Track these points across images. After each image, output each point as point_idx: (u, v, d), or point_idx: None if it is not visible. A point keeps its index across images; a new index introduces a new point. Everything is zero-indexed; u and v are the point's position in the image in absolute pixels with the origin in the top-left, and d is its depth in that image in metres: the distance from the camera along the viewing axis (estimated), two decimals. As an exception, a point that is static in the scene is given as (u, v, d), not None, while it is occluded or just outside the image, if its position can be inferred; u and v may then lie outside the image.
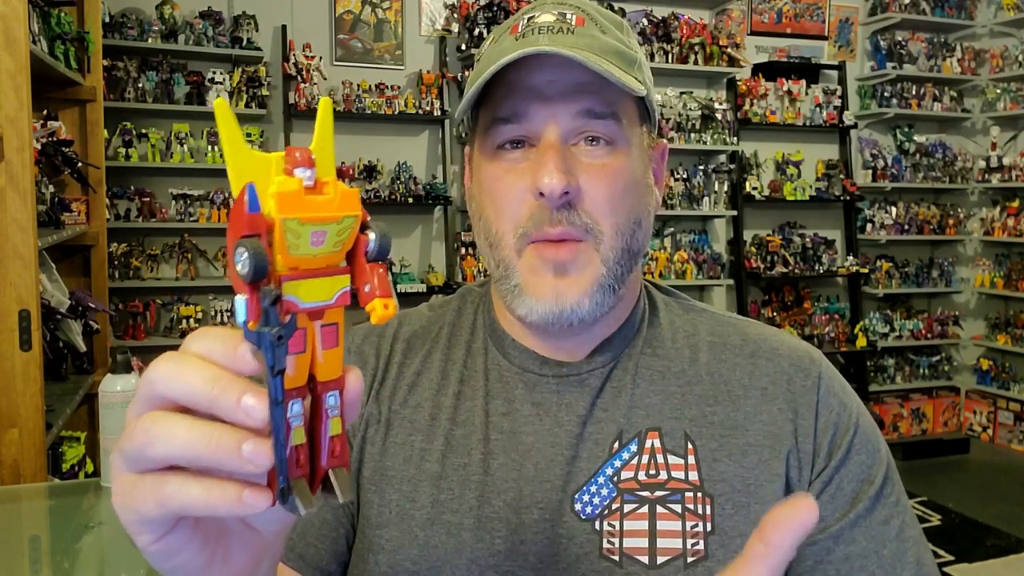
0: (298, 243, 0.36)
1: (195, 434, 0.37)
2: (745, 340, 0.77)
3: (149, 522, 0.39)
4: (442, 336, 0.79)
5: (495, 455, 0.71)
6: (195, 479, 0.37)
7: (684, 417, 0.72)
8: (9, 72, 1.79)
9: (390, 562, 0.70)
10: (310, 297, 0.38)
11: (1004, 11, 5.12)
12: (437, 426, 0.74)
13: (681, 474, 0.69)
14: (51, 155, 2.43)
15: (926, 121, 5.33)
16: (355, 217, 0.38)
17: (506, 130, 0.69)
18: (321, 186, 0.37)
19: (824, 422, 0.72)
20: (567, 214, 0.67)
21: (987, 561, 3.50)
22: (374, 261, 0.39)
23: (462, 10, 4.26)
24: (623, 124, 0.69)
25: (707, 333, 0.77)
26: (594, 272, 0.68)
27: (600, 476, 0.70)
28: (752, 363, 0.75)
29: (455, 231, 4.32)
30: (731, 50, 4.66)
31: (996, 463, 4.86)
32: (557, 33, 0.68)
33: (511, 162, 0.69)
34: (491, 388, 0.75)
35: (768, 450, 0.70)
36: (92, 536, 1.25)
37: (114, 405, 1.35)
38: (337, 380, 0.40)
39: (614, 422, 0.71)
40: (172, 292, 3.98)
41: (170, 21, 3.84)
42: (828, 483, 0.70)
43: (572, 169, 0.67)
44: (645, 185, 0.72)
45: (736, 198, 4.74)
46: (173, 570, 0.42)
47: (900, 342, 5.13)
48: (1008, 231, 5.03)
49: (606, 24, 0.72)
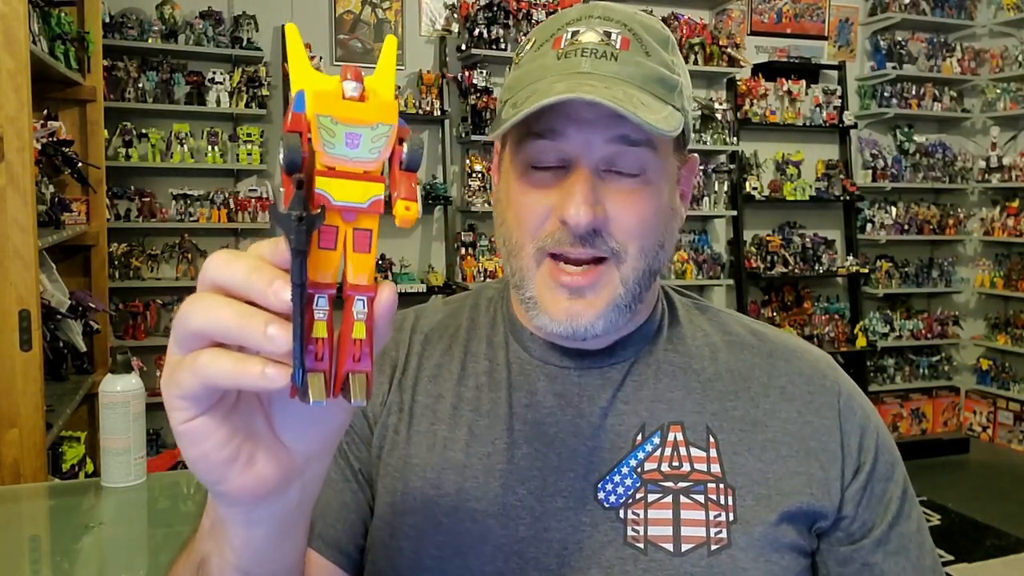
0: (333, 141, 0.39)
1: (228, 310, 0.41)
2: (761, 340, 0.79)
3: (186, 396, 0.43)
4: (461, 332, 0.81)
5: (519, 445, 0.73)
6: (227, 352, 0.41)
7: (706, 412, 0.73)
8: (9, 72, 1.79)
9: (414, 548, 0.71)
10: (342, 196, 0.40)
11: (1004, 11, 5.12)
12: (460, 416, 0.75)
13: (703, 466, 0.71)
14: (51, 155, 2.43)
15: (926, 121, 5.33)
16: (390, 126, 0.40)
17: (539, 146, 0.68)
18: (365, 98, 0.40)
19: (850, 425, 0.74)
20: (592, 239, 0.68)
21: (987, 561, 3.50)
22: (407, 171, 0.42)
23: (462, 10, 4.26)
24: (657, 151, 0.69)
25: (723, 333, 0.79)
26: (612, 292, 0.69)
27: (624, 467, 0.71)
28: (770, 363, 0.77)
29: (455, 231, 4.32)
30: (731, 50, 4.66)
31: (996, 463, 4.87)
32: (600, 58, 0.67)
33: (541, 180, 0.69)
34: (514, 380, 0.76)
35: (787, 447, 0.72)
36: (92, 536, 1.25)
37: (114, 405, 1.35)
38: (367, 287, 0.42)
39: (636, 415, 0.73)
40: (172, 292, 3.98)
41: (170, 21, 3.84)
42: (865, 488, 0.73)
43: (601, 198, 0.67)
44: (671, 209, 0.73)
45: (736, 198, 4.74)
46: (196, 460, 0.45)
47: (900, 342, 5.13)
48: (1008, 231, 5.03)
49: (651, 44, 0.70)
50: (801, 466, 0.72)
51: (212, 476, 0.45)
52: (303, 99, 0.39)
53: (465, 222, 4.36)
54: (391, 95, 0.41)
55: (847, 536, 0.72)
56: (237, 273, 0.41)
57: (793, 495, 0.70)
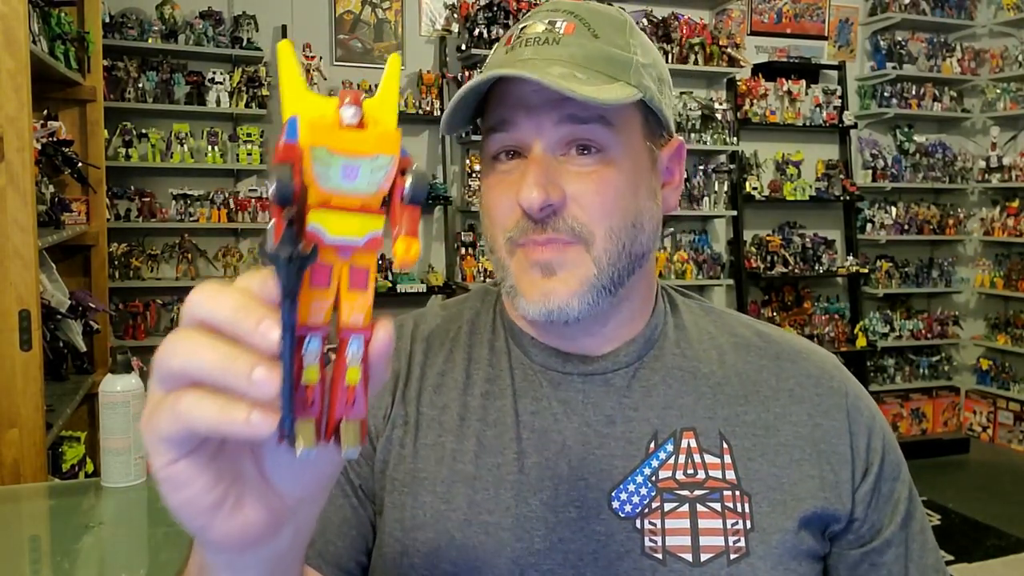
0: (328, 174, 0.36)
1: (211, 352, 0.37)
2: (767, 342, 0.78)
3: (167, 440, 0.39)
4: (462, 335, 0.79)
5: (528, 454, 0.71)
6: (211, 395, 0.38)
7: (718, 417, 0.72)
8: (9, 72, 1.79)
9: (427, 565, 0.69)
10: (338, 231, 0.37)
11: (1004, 11, 5.12)
12: (467, 427, 0.73)
13: (718, 473, 0.70)
14: (51, 155, 2.43)
15: (926, 121, 5.33)
16: (392, 157, 0.37)
17: (497, 138, 0.70)
18: (364, 125, 0.37)
19: (858, 426, 0.74)
20: (553, 222, 0.67)
21: (987, 561, 3.50)
22: (410, 204, 0.38)
23: (462, 10, 4.26)
24: (614, 127, 0.68)
25: (729, 335, 0.78)
26: (584, 272, 0.68)
27: (638, 475, 0.70)
28: (777, 365, 0.76)
29: (455, 231, 4.32)
30: (731, 50, 4.66)
31: (996, 463, 4.87)
32: (543, 44, 0.69)
33: (503, 173, 0.71)
34: (518, 387, 0.74)
35: (799, 450, 0.72)
36: (92, 536, 1.25)
37: (114, 405, 1.35)
38: (363, 328, 0.39)
39: (647, 422, 0.72)
40: (172, 292, 3.98)
41: (170, 21, 3.84)
42: (874, 489, 0.73)
43: (556, 179, 0.67)
44: (645, 188, 0.71)
45: (736, 198, 4.74)
46: (180, 506, 0.41)
47: (900, 342, 5.13)
48: (1008, 231, 5.03)
49: (601, 27, 0.71)
50: (814, 469, 0.71)
51: (197, 523, 0.41)
52: (295, 127, 0.36)
53: (465, 222, 4.36)
54: (393, 122, 0.38)
55: (857, 539, 0.72)
56: (223, 310, 0.38)
57: (808, 499, 0.70)
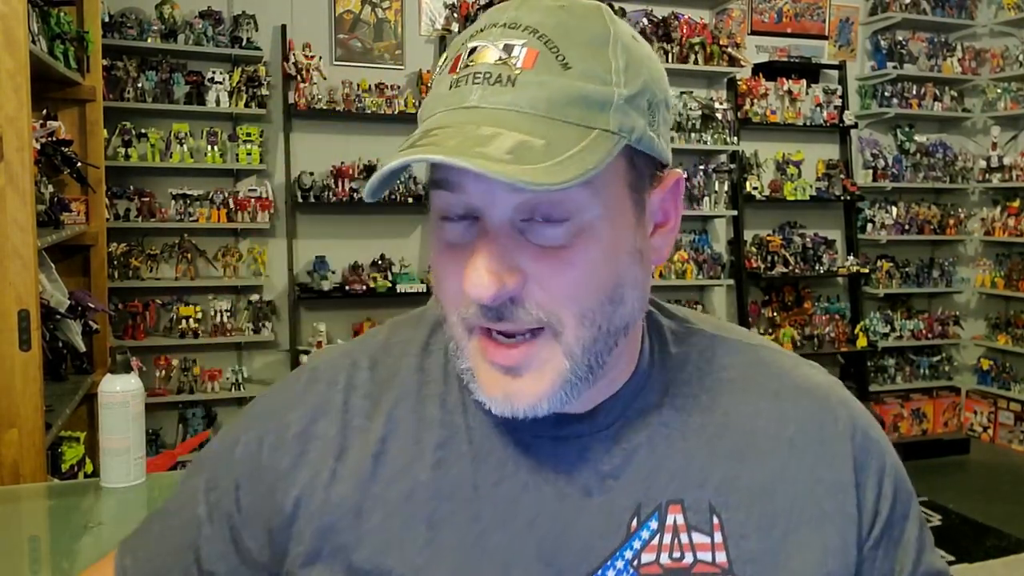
0: None
1: None
2: (765, 375, 0.69)
3: None
4: (410, 388, 0.67)
5: (489, 533, 0.61)
6: None
7: (709, 485, 0.63)
8: (9, 72, 1.79)
9: None
10: None
11: (1004, 11, 5.12)
12: (416, 504, 0.62)
13: (708, 555, 0.62)
14: (51, 155, 2.43)
15: (926, 121, 5.33)
16: None
17: (443, 197, 0.57)
18: None
19: (865, 475, 0.66)
20: (513, 310, 0.55)
21: (987, 561, 3.50)
22: None
23: (462, 10, 4.26)
24: (588, 184, 0.53)
25: (721, 367, 0.68)
26: (555, 368, 0.57)
27: (618, 560, 0.61)
28: (777, 406, 0.67)
29: (455, 231, 4.32)
30: (731, 50, 4.66)
31: (996, 463, 4.86)
32: (494, 84, 0.54)
33: (453, 237, 0.58)
34: (477, 452, 0.63)
35: (798, 515, 0.64)
36: (91, 536, 1.24)
37: (113, 405, 1.35)
38: None
39: (629, 495, 0.62)
40: (172, 292, 3.98)
41: (170, 21, 3.84)
42: (882, 537, 0.66)
43: (514, 260, 0.55)
44: (628, 251, 0.58)
45: (736, 198, 4.74)
46: None
47: (900, 342, 5.13)
48: (1008, 231, 5.03)
49: (573, 49, 0.55)
50: (815, 535, 0.63)
51: None
52: None
53: (465, 222, 4.36)
54: None
55: None
56: None
57: (806, 572, 0.62)
